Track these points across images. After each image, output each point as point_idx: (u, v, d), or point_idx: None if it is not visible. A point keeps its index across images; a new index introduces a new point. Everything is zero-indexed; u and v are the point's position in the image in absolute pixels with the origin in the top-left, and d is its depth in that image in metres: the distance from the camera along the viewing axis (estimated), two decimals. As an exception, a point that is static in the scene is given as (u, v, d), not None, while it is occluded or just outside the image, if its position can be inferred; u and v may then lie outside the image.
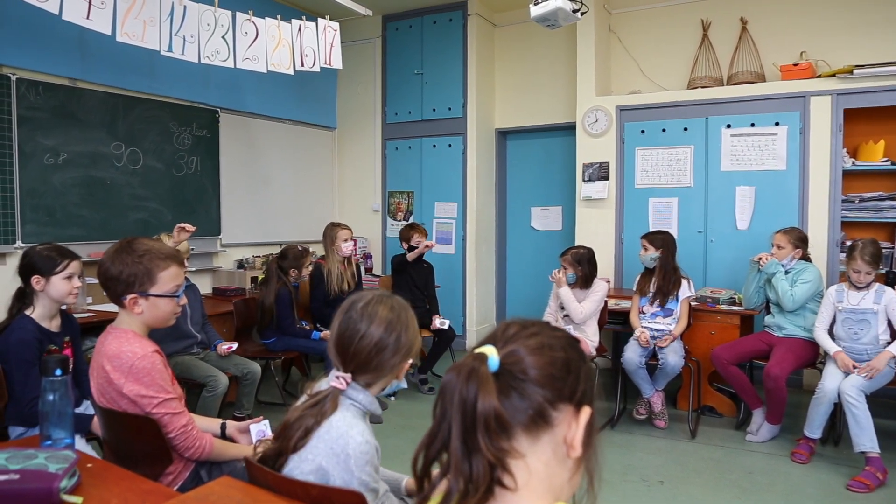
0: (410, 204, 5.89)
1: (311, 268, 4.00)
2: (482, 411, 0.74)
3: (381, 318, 1.29)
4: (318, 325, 4.09)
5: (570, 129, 5.26)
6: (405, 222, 5.63)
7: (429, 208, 5.79)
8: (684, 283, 3.80)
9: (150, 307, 1.70)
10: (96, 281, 1.76)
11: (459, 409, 0.75)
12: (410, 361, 1.34)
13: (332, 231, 4.18)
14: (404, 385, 1.39)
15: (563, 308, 3.89)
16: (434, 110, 5.65)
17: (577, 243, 4.76)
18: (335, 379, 1.28)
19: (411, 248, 4.50)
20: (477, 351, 0.79)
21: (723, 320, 3.87)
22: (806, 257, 3.63)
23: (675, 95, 4.67)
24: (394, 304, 1.32)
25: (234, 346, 3.48)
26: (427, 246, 4.36)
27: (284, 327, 3.88)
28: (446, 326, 4.37)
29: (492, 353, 0.78)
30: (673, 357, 3.58)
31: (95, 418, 1.97)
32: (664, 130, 4.67)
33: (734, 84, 4.54)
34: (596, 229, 4.90)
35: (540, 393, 0.77)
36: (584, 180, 4.93)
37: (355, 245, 4.31)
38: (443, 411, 0.76)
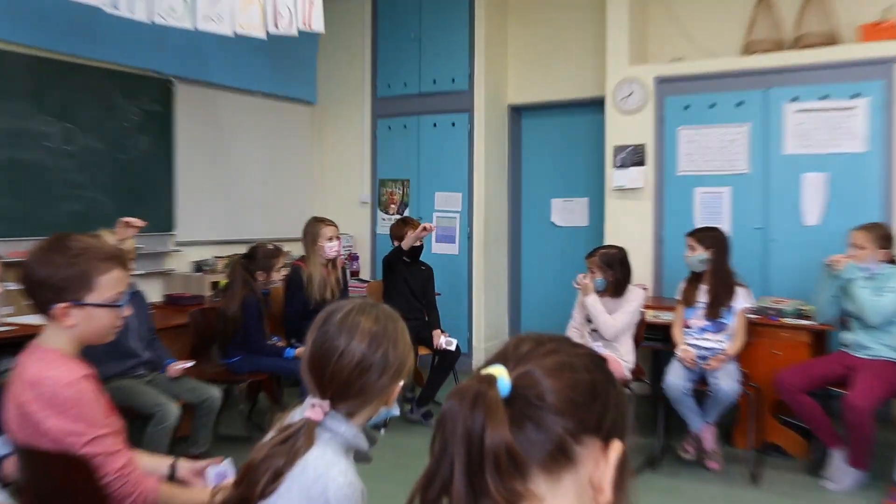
0: (405, 195, 5.90)
1: (284, 271, 4.04)
2: (491, 446, 0.74)
3: (363, 331, 1.30)
4: (294, 341, 4.12)
5: (598, 104, 5.24)
6: (399, 216, 5.64)
7: (428, 200, 5.78)
8: (740, 290, 3.78)
9: (85, 319, 1.68)
10: (19, 287, 1.70)
11: (463, 443, 0.75)
12: (402, 383, 1.35)
13: (313, 227, 4.20)
14: (396, 412, 1.40)
15: (590, 321, 3.91)
16: (434, 82, 5.67)
17: (606, 242, 4.77)
18: (310, 408, 1.28)
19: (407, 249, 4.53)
20: (484, 372, 0.80)
21: (789, 337, 3.87)
22: (892, 260, 3.59)
23: (727, 63, 4.67)
24: (379, 313, 1.34)
25: (189, 365, 3.50)
26: (425, 229, 4.36)
27: (251, 343, 3.89)
28: (453, 347, 4.40)
29: (502, 375, 0.78)
30: (727, 382, 3.56)
31: (10, 458, 1.92)
32: (713, 106, 4.68)
33: (801, 48, 4.53)
34: (630, 225, 4.92)
35: (560, 423, 0.77)
36: (615, 166, 4.95)
37: (340, 244, 4.31)
38: (443, 446, 0.77)
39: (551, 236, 5.83)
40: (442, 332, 4.49)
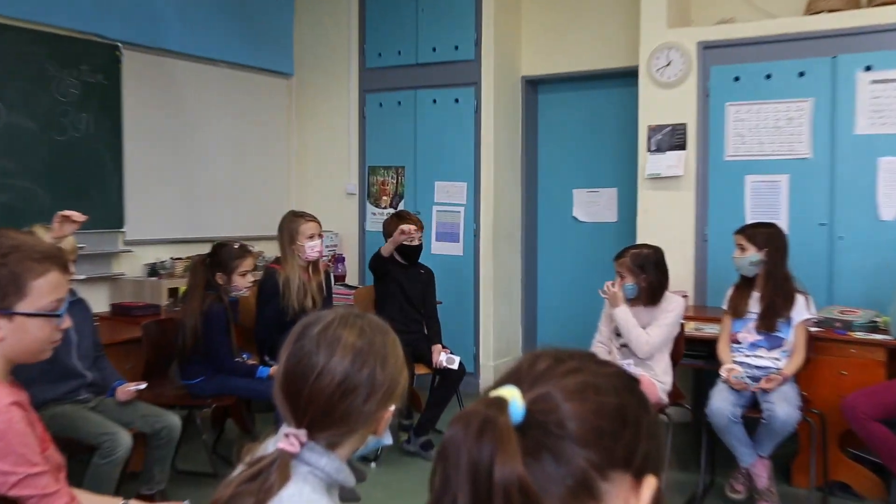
0: (400, 184, 5.90)
1: (252, 276, 4.05)
2: (501, 481, 0.74)
3: (346, 346, 1.31)
4: (267, 359, 4.13)
5: (629, 76, 5.21)
6: (392, 210, 5.66)
7: (426, 191, 5.78)
8: (800, 299, 3.78)
9: (15, 332, 1.69)
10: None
11: (469, 477, 0.76)
12: (394, 408, 1.37)
13: (292, 224, 4.22)
14: (388, 442, 1.41)
15: (619, 335, 3.90)
16: (434, 50, 5.67)
17: (639, 241, 4.75)
18: (283, 438, 1.29)
19: (400, 247, 4.54)
20: (493, 394, 0.81)
21: (859, 354, 3.85)
22: None
23: (786, 25, 4.64)
24: (365, 325, 1.35)
25: (142, 387, 3.50)
26: (404, 233, 4.37)
27: (216, 361, 3.89)
28: (455, 365, 4.41)
29: (514, 398, 0.79)
30: (783, 408, 3.54)
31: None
32: (769, 76, 4.65)
33: (877, 5, 4.51)
34: (667, 221, 4.90)
35: (583, 455, 0.77)
36: (649, 150, 4.94)
37: (322, 243, 4.32)
38: (444, 481, 0.78)
39: (573, 234, 5.81)
40: (443, 347, 4.49)
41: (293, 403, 1.31)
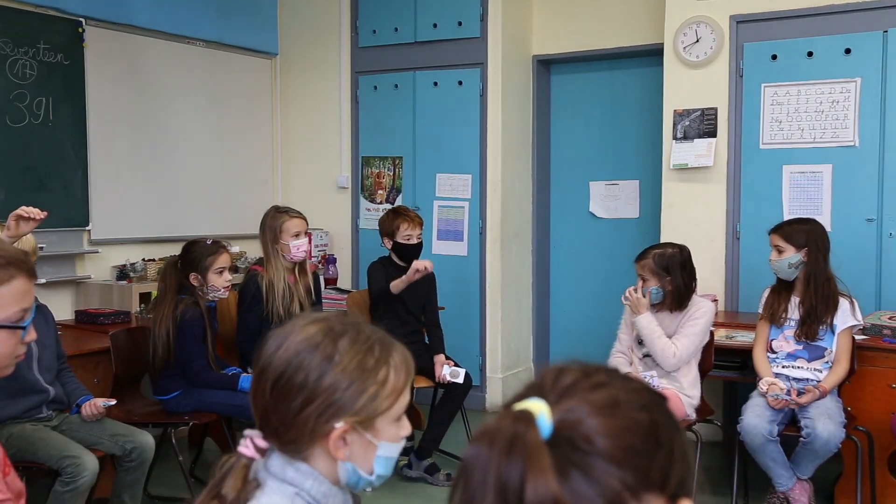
0: (397, 176, 5.89)
1: (227, 276, 4.03)
2: (534, 500, 0.75)
3: (295, 340, 1.29)
4: (250, 370, 4.09)
5: (652, 55, 5.24)
6: (388, 206, 5.63)
7: (427, 184, 5.77)
8: (844, 304, 3.77)
9: None
10: None
11: (497, 498, 0.77)
12: (342, 427, 1.27)
13: (275, 220, 4.22)
14: (372, 480, 1.34)
15: (641, 344, 3.90)
16: (435, 27, 5.66)
17: (663, 239, 4.77)
18: (241, 441, 1.29)
19: (398, 247, 4.55)
20: (518, 407, 0.82)
21: None
22: None
23: None
24: (344, 321, 1.34)
25: (111, 403, 3.47)
26: (418, 272, 4.34)
27: (193, 373, 3.88)
28: (460, 379, 4.39)
29: (541, 411, 0.80)
30: (825, 425, 3.53)
31: None
32: (811, 54, 4.65)
33: None
34: (695, 216, 4.90)
35: (616, 475, 0.79)
36: (675, 138, 4.93)
37: (311, 242, 4.33)
38: (467, 503, 0.78)
39: (590, 232, 5.80)
40: (447, 359, 4.49)
41: (252, 399, 1.33)
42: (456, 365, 4.46)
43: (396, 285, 4.38)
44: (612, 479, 0.79)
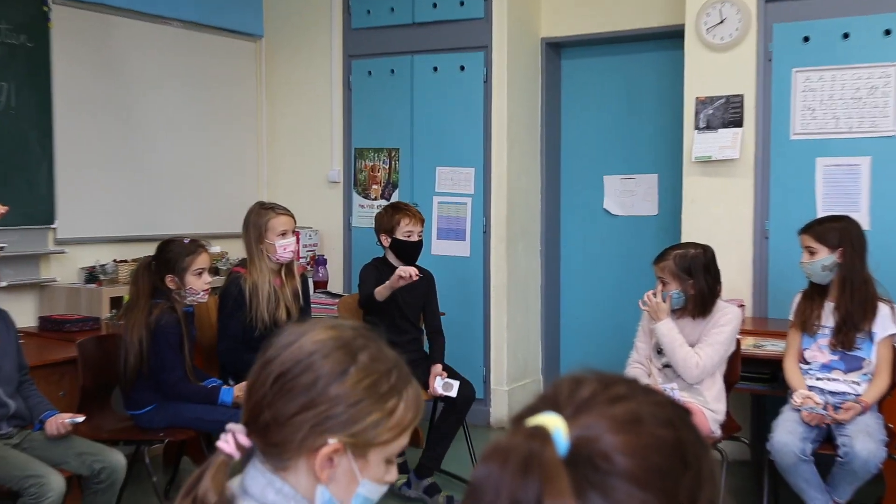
0: (393, 170, 5.90)
1: (206, 275, 4.04)
2: None
3: (326, 336, 1.33)
4: (232, 382, 4.11)
5: (673, 37, 5.23)
6: (384, 202, 5.63)
7: (425, 178, 5.78)
8: (883, 309, 3.78)
9: None
10: None
11: None
12: (333, 445, 1.29)
13: (260, 218, 4.23)
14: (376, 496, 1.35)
15: (661, 353, 3.92)
16: (435, 7, 5.69)
17: (683, 238, 4.78)
18: (223, 437, 1.31)
19: (398, 245, 4.54)
20: (532, 423, 0.82)
21: None
22: None
23: None
24: (368, 336, 1.38)
25: (78, 420, 3.48)
26: (402, 279, 4.27)
27: (168, 385, 3.90)
28: (453, 392, 4.37)
29: (557, 427, 0.81)
30: (864, 443, 3.52)
31: None
32: (847, 36, 4.65)
33: None
34: (719, 214, 4.91)
35: (638, 498, 0.79)
36: (698, 128, 4.94)
37: (299, 241, 4.35)
38: None
39: (604, 231, 5.82)
40: (444, 368, 4.48)
41: (247, 398, 1.35)
42: (451, 376, 4.45)
43: (380, 292, 4.35)
44: (635, 501, 0.79)
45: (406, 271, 4.28)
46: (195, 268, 3.93)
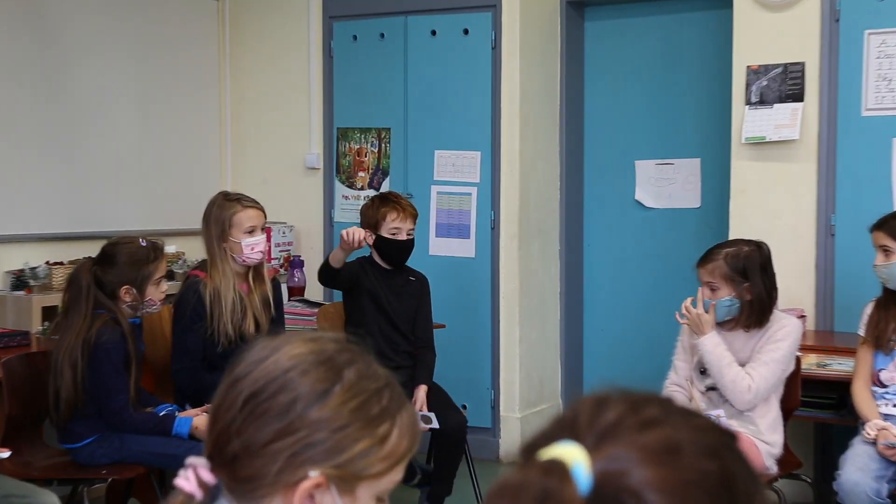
0: (383, 154, 5.93)
1: (164, 282, 4.05)
2: None
3: (306, 350, 1.35)
4: (188, 407, 4.13)
5: None
6: (373, 192, 5.65)
7: (422, 164, 5.82)
8: None
9: None
10: None
11: None
12: (315, 478, 1.30)
13: (223, 211, 4.26)
14: None
15: (705, 373, 3.93)
16: None
17: (732, 235, 4.77)
18: (181, 472, 1.32)
19: (382, 243, 4.61)
20: (547, 455, 0.83)
21: None
22: None
23: None
24: (355, 350, 1.39)
25: (4, 455, 3.52)
26: (345, 242, 4.36)
27: (111, 412, 3.90)
28: (432, 425, 4.42)
29: (577, 460, 0.81)
30: None
31: None
32: None
33: None
34: (775, 206, 4.94)
35: None
36: (749, 103, 4.94)
37: (269, 240, 4.31)
38: None
39: (636, 226, 5.87)
40: (422, 391, 4.51)
41: (210, 422, 1.37)
42: (437, 399, 4.50)
43: (335, 255, 4.46)
44: None
45: (350, 233, 4.35)
46: (157, 276, 3.93)
